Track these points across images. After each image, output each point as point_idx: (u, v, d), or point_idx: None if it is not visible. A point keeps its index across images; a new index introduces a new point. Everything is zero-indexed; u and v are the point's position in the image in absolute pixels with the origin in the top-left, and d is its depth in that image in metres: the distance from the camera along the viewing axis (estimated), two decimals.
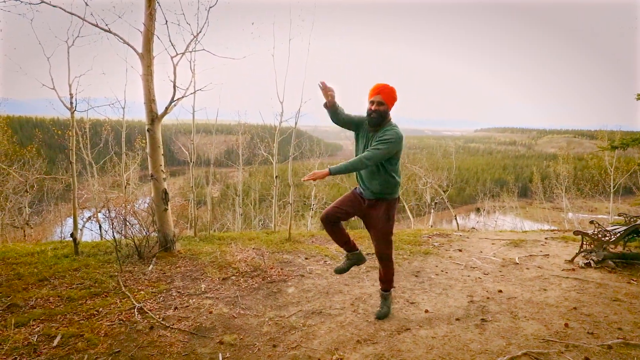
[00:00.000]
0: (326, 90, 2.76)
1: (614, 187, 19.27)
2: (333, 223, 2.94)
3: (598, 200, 23.57)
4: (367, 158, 2.67)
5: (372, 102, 2.80)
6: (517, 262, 4.56)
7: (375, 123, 2.81)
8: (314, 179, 2.61)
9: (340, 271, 3.17)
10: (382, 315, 3.08)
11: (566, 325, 2.86)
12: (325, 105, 2.84)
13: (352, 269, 4.31)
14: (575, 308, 3.17)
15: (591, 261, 4.35)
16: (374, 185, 2.88)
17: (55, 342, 2.60)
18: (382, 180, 2.85)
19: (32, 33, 4.54)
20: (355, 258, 3.16)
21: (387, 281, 3.13)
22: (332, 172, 2.60)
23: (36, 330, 2.78)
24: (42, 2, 4.26)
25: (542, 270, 4.22)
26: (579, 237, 4.69)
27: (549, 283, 3.81)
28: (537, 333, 2.75)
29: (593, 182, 22.31)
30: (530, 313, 3.10)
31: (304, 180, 2.66)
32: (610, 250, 4.49)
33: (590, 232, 4.57)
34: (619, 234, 4.43)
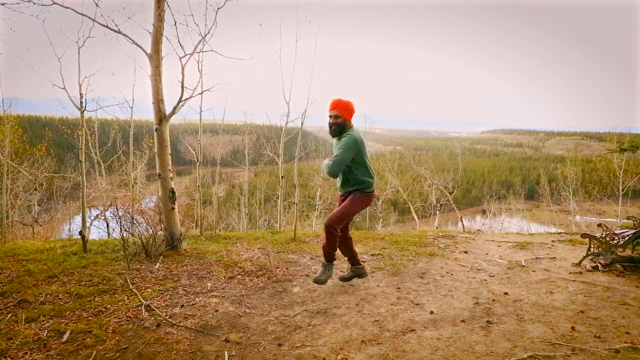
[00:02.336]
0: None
1: (622, 190, 19.03)
2: (343, 235, 3.49)
3: (606, 203, 23.28)
4: (329, 165, 3.23)
5: (330, 117, 3.34)
6: (524, 264, 4.53)
7: (335, 133, 3.35)
8: None
9: (344, 279, 3.76)
10: (318, 280, 3.53)
11: (573, 328, 2.84)
12: None
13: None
14: (582, 311, 3.14)
15: (599, 264, 4.31)
16: (347, 186, 3.41)
17: (65, 338, 2.65)
18: (353, 181, 3.36)
19: (43, 34, 4.63)
20: (359, 272, 3.74)
21: (325, 253, 3.53)
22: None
23: (46, 325, 2.83)
24: (54, 3, 4.33)
25: (548, 273, 4.20)
26: (587, 240, 4.65)
27: (555, 286, 3.79)
28: (543, 336, 2.73)
29: (601, 184, 22.05)
30: (536, 316, 3.08)
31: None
32: (619, 253, 4.44)
33: (598, 235, 4.53)
34: (627, 238, 4.38)
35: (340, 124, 3.30)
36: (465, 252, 5.14)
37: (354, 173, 3.32)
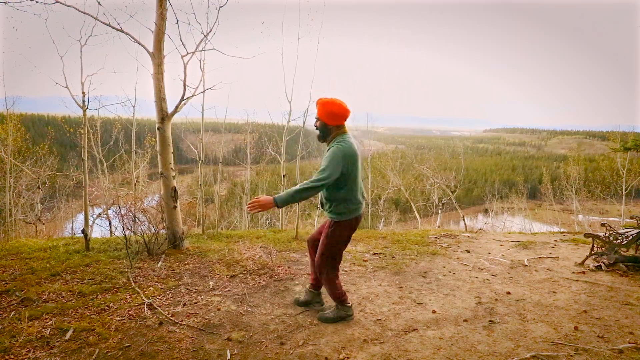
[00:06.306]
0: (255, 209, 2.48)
1: (626, 190, 18.95)
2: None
3: (609, 203, 23.19)
4: (311, 183, 2.47)
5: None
6: (526, 264, 4.52)
7: (319, 138, 2.72)
8: (260, 210, 2.42)
9: (298, 303, 3.27)
10: (324, 319, 2.95)
11: (576, 328, 2.83)
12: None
13: (357, 270, 4.31)
14: (585, 311, 3.13)
15: (602, 264, 4.29)
16: (326, 205, 2.79)
17: (68, 336, 2.65)
18: (332, 201, 2.73)
19: (46, 32, 4.63)
20: (311, 297, 3.23)
21: (334, 298, 2.94)
22: (277, 203, 2.41)
23: (49, 323, 2.83)
24: (57, 2, 4.33)
25: (551, 273, 4.18)
26: (590, 239, 4.62)
27: (558, 285, 3.77)
28: (546, 336, 2.72)
29: (604, 184, 21.97)
30: (539, 315, 3.07)
31: (248, 210, 2.48)
32: (622, 253, 4.42)
33: (601, 234, 4.50)
34: (631, 237, 4.36)
35: (319, 128, 2.68)
36: (468, 252, 5.12)
37: (335, 195, 2.69)
